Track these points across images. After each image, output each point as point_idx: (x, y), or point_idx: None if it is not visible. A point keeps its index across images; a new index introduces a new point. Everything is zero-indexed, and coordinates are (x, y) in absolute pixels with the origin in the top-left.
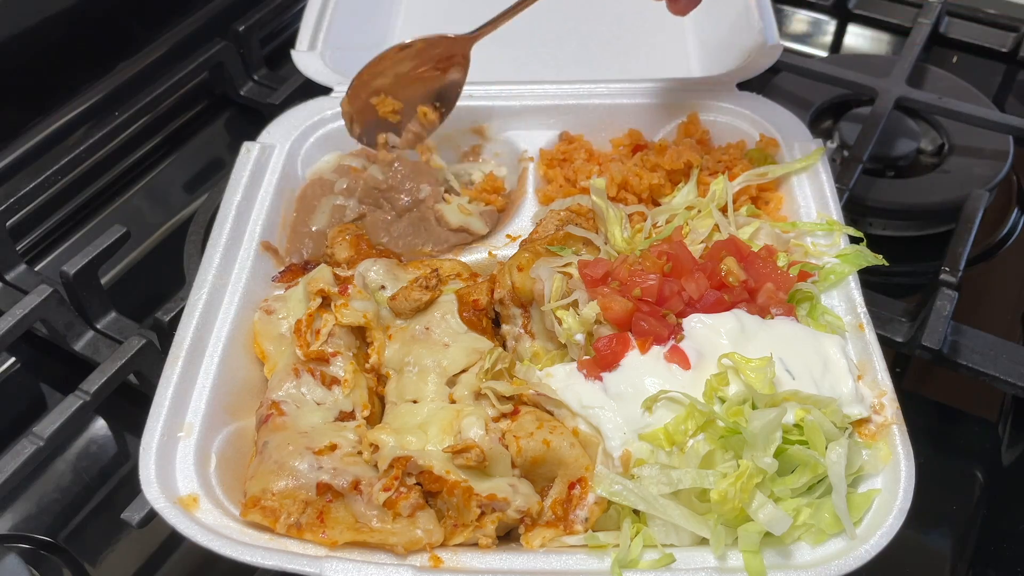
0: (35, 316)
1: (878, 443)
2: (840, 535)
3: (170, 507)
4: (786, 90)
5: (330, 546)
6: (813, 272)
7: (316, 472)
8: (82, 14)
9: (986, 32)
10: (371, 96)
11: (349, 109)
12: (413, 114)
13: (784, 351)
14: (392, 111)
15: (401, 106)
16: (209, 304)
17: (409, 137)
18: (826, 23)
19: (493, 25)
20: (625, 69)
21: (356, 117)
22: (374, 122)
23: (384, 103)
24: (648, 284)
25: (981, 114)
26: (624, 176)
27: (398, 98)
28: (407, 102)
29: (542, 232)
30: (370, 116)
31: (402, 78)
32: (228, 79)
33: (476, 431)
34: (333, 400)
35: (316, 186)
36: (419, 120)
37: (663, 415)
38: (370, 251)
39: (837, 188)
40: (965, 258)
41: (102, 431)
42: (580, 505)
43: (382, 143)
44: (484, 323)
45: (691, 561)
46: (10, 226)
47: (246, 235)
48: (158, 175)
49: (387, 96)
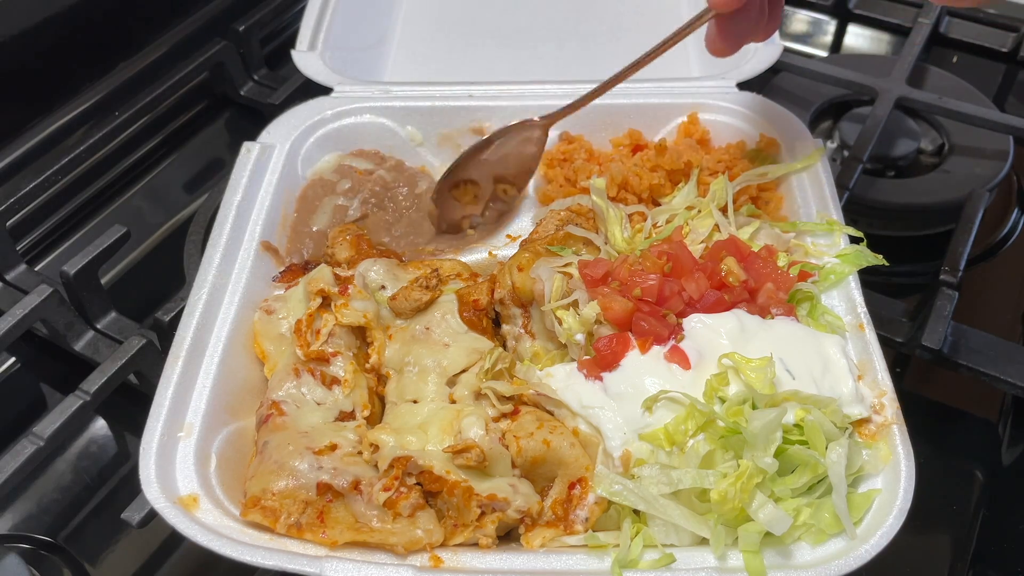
0: (35, 316)
1: (878, 443)
2: (840, 535)
3: (170, 507)
4: (786, 90)
5: (330, 546)
6: (813, 272)
7: (316, 472)
8: (82, 14)
9: (986, 32)
10: (451, 190)
11: (435, 211)
12: (493, 193)
13: (784, 351)
14: (473, 197)
15: (480, 188)
16: (209, 304)
17: (492, 216)
18: (826, 23)
19: (571, 109)
20: None
21: (442, 213)
22: (456, 210)
23: (465, 192)
24: (648, 284)
25: (981, 114)
26: (624, 176)
27: (478, 184)
28: (485, 183)
29: (542, 232)
30: (452, 207)
31: (481, 165)
32: (228, 79)
33: (476, 431)
34: (333, 400)
35: (317, 186)
36: (500, 197)
37: (663, 415)
38: (370, 251)
39: (837, 188)
40: (965, 258)
41: (102, 431)
42: (580, 505)
43: (466, 226)
44: (484, 323)
45: (691, 561)
46: (10, 226)
47: (246, 235)
48: (158, 175)
49: (467, 184)
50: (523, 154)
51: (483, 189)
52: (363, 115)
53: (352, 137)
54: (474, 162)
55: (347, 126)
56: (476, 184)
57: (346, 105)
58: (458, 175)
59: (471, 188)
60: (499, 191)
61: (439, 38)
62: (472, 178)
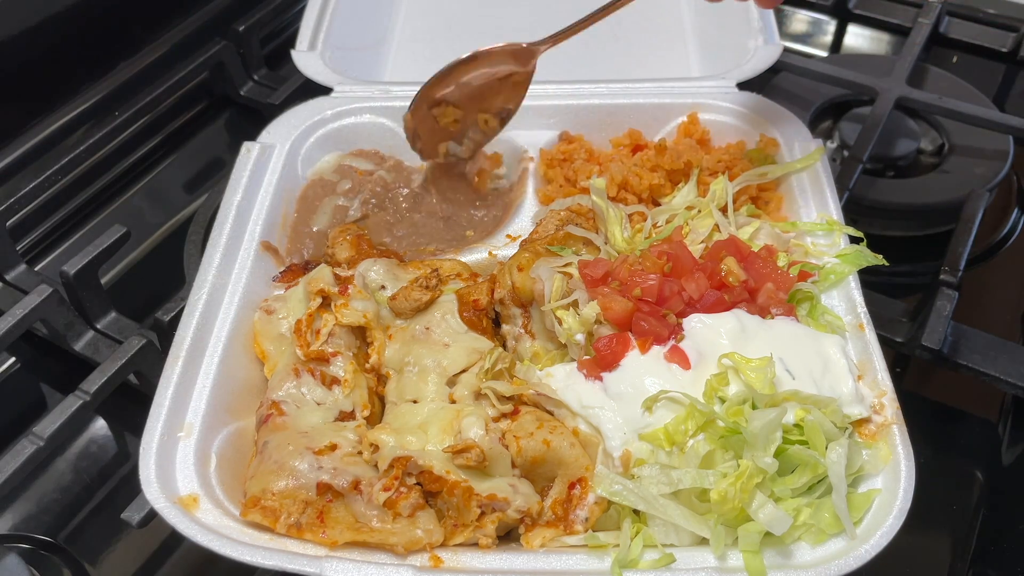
0: (35, 316)
1: (878, 443)
2: (840, 535)
3: (170, 507)
4: (786, 90)
5: (330, 546)
6: (813, 272)
7: (316, 472)
8: (82, 14)
9: (986, 32)
10: (432, 107)
11: (412, 123)
12: (474, 122)
13: (784, 351)
14: (453, 121)
15: (462, 114)
16: (209, 304)
17: (470, 145)
18: (826, 23)
19: (562, 36)
20: (625, 69)
21: (418, 129)
22: (435, 133)
23: (445, 113)
24: (648, 284)
25: (981, 114)
26: (624, 176)
27: (460, 107)
28: (468, 110)
29: (542, 232)
30: (431, 127)
31: (464, 87)
32: (228, 79)
33: (476, 431)
34: (333, 400)
35: (317, 186)
36: (480, 128)
37: (663, 415)
38: (371, 251)
39: (837, 188)
40: (965, 258)
41: (102, 431)
42: (580, 505)
43: (443, 152)
44: (484, 323)
45: (691, 561)
46: (10, 226)
47: (246, 235)
48: (158, 175)
49: (448, 106)
50: (510, 85)
51: (466, 115)
52: (363, 115)
53: (352, 137)
54: (457, 82)
55: (347, 126)
56: (457, 108)
57: (346, 105)
58: (439, 91)
59: (452, 111)
60: (480, 121)
61: (439, 38)
62: (453, 101)
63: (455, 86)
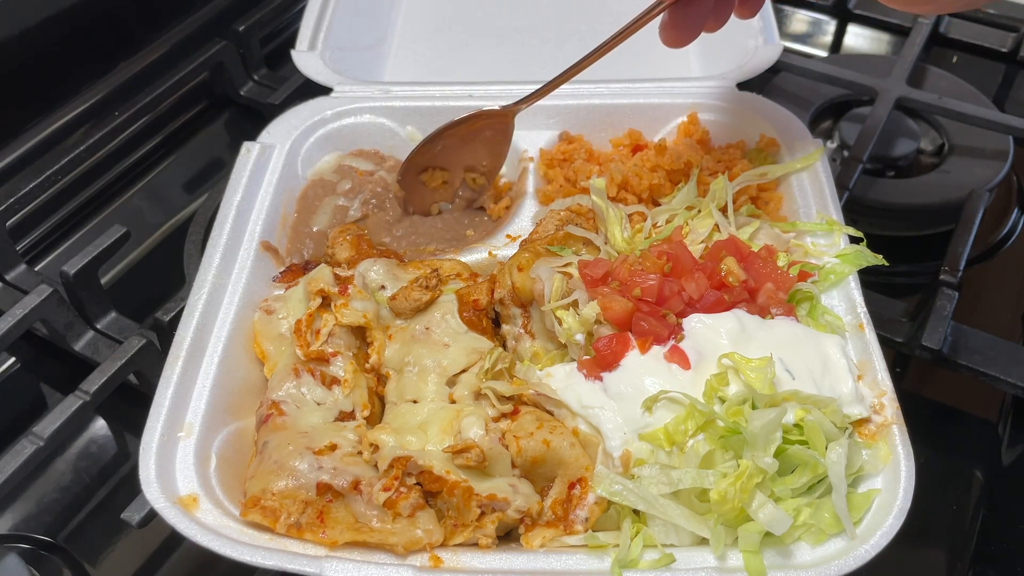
0: (35, 316)
1: (878, 443)
2: (840, 535)
3: (170, 507)
4: (786, 90)
5: (330, 546)
6: (813, 272)
7: (316, 472)
8: (82, 14)
9: (986, 32)
10: (420, 173)
11: (401, 191)
12: (462, 181)
13: (784, 351)
14: (442, 183)
15: (449, 175)
16: (209, 304)
17: (460, 204)
18: (826, 23)
19: (535, 97)
20: (625, 69)
21: (409, 196)
22: (424, 196)
23: (433, 177)
24: (648, 284)
25: (981, 114)
26: (624, 176)
27: (446, 169)
28: (454, 171)
29: (542, 232)
30: (421, 192)
31: (446, 152)
32: (228, 79)
33: (476, 431)
34: (333, 400)
35: (317, 187)
36: (469, 185)
37: (663, 415)
38: (371, 251)
39: (837, 188)
40: (965, 258)
41: (102, 431)
42: (580, 505)
43: (436, 212)
44: (484, 323)
45: (691, 561)
46: (10, 226)
47: (246, 235)
48: (158, 175)
49: (435, 170)
50: (491, 143)
51: (452, 176)
52: (363, 115)
53: (352, 137)
54: (440, 149)
55: (347, 126)
56: (445, 171)
57: (346, 105)
58: (425, 161)
59: (440, 174)
60: (468, 179)
61: (439, 38)
62: (440, 165)
63: (438, 151)
